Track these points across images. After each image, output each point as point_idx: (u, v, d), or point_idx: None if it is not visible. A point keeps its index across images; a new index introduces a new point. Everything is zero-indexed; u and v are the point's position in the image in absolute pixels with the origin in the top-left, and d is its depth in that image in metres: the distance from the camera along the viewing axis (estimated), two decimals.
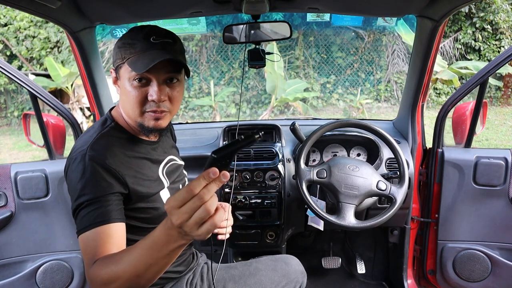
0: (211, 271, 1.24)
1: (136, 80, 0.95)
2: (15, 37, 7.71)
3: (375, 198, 1.59)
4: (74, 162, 0.94)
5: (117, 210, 0.92)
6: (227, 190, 1.63)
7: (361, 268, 2.02)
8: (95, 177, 0.91)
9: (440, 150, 1.73)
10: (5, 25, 7.71)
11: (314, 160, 1.83)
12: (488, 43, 7.75)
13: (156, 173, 1.08)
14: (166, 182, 1.10)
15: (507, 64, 1.83)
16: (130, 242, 0.98)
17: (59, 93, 7.17)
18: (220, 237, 1.16)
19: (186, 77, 1.03)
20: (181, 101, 1.05)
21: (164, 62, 0.92)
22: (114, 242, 0.87)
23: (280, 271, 1.27)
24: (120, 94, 1.02)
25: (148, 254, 0.73)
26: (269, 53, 1.46)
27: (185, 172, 1.25)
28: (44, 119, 1.69)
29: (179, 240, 0.68)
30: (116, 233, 0.89)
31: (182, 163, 1.25)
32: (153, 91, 0.95)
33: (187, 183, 1.23)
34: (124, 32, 1.01)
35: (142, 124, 1.00)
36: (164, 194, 1.08)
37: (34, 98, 1.62)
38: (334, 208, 1.44)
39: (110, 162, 0.93)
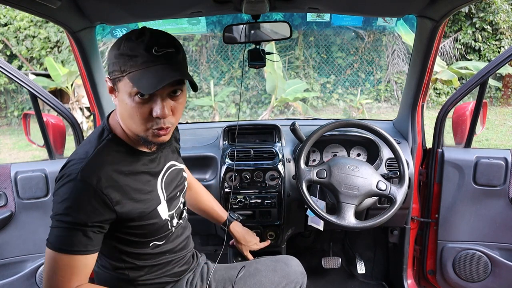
0: (238, 272, 1.23)
1: (138, 95, 0.88)
2: (15, 37, 7.71)
3: (375, 198, 1.59)
4: (66, 177, 0.90)
5: (96, 240, 0.92)
6: (227, 190, 1.63)
7: (361, 268, 2.02)
8: (82, 200, 0.88)
9: (440, 150, 1.73)
10: (5, 25, 7.70)
11: (314, 160, 1.83)
12: (488, 43, 7.74)
13: (155, 186, 1.05)
14: (163, 196, 1.07)
15: (507, 64, 1.83)
16: (128, 254, 1.00)
17: (59, 93, 7.17)
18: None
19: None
20: (183, 109, 0.99)
21: None
22: (87, 272, 0.93)
23: (280, 271, 1.27)
24: (118, 105, 0.95)
25: None
26: (269, 53, 1.45)
27: (185, 175, 1.23)
28: (44, 119, 1.69)
29: None
30: (91, 263, 0.93)
31: (183, 166, 1.23)
32: (158, 108, 0.88)
33: (186, 188, 1.22)
34: (125, 32, 0.97)
35: (145, 139, 0.94)
36: (162, 208, 1.06)
37: (34, 98, 1.62)
38: (334, 208, 1.43)
39: (101, 186, 0.90)
